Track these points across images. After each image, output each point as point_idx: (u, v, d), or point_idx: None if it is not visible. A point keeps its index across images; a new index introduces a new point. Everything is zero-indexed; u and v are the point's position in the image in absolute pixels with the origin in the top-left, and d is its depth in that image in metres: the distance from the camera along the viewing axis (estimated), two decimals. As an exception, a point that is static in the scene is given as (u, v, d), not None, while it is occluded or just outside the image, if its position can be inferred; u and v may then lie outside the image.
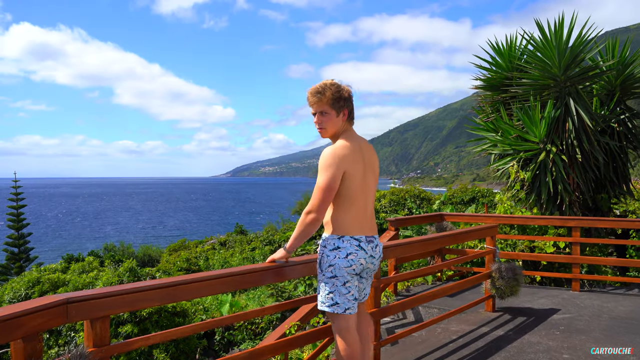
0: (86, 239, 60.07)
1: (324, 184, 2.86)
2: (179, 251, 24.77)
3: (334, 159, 2.91)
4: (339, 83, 3.10)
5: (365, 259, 2.98)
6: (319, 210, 2.88)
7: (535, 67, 7.60)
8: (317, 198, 2.87)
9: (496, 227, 5.20)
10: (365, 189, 3.05)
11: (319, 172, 2.95)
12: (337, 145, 3.00)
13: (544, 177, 7.36)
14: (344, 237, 2.96)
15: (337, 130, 3.10)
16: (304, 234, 2.93)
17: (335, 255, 2.94)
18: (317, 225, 2.91)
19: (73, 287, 9.90)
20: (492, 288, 5.05)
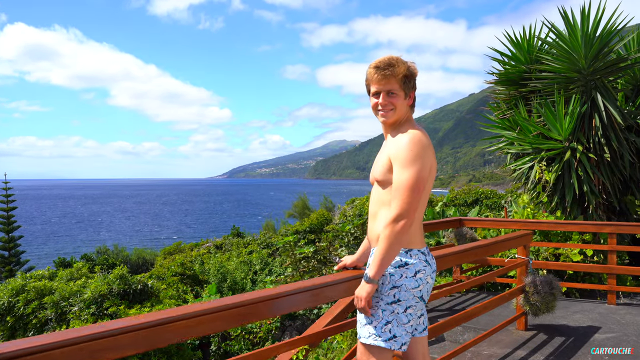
0: (80, 242, 59.25)
1: (414, 180, 2.29)
2: (173, 255, 24.10)
3: (424, 149, 2.35)
4: (411, 62, 2.54)
5: (431, 275, 2.46)
6: (411, 212, 2.29)
7: (559, 59, 7.00)
8: (407, 199, 2.28)
9: (530, 234, 4.59)
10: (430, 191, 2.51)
11: (401, 164, 2.34)
12: (416, 133, 2.41)
13: (568, 177, 6.77)
14: (412, 251, 2.41)
15: (402, 116, 2.53)
16: (396, 248, 2.31)
17: (402, 274, 2.38)
18: (408, 232, 2.32)
19: (60, 295, 9.26)
20: (526, 304, 4.42)
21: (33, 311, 9.09)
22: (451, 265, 3.55)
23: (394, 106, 2.48)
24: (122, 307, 8.71)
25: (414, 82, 2.51)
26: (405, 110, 2.51)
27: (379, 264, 2.31)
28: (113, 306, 8.66)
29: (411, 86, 2.50)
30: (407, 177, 2.29)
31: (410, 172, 2.30)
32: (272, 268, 17.92)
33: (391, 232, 2.27)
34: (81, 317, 8.74)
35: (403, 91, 2.47)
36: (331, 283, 2.60)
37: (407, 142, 2.36)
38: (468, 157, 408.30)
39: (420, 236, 2.47)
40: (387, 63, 2.46)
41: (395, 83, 2.46)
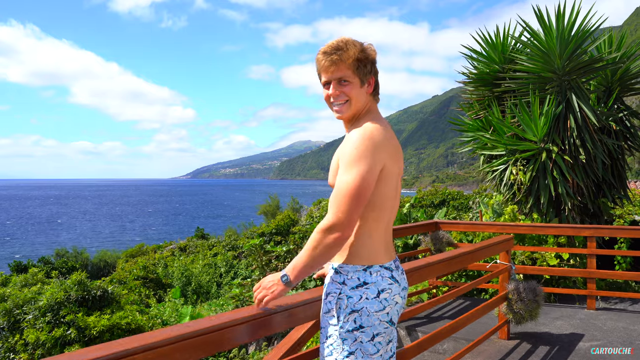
0: (38, 245, 57.44)
1: (356, 184, 1.90)
2: (136, 257, 23.44)
3: (375, 146, 1.96)
4: (366, 44, 2.15)
5: (399, 294, 2.08)
6: (347, 224, 1.90)
7: (533, 58, 6.90)
8: (345, 206, 1.90)
9: (512, 239, 4.40)
10: (397, 195, 2.12)
11: (343, 165, 1.97)
12: (370, 126, 2.02)
13: (543, 179, 6.66)
14: (373, 268, 2.03)
15: (361, 107, 2.14)
16: (320, 259, 1.93)
17: (362, 296, 1.99)
18: (340, 247, 1.94)
19: (13, 303, 8.78)
20: (509, 312, 4.23)
21: (-17, 320, 8.61)
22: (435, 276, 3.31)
23: (348, 97, 2.10)
24: (80, 314, 8.29)
25: (372, 65, 2.14)
26: (363, 100, 2.13)
27: (299, 270, 1.96)
28: (70, 314, 8.24)
29: (368, 71, 2.12)
30: (347, 180, 1.92)
31: (351, 174, 1.92)
32: (237, 271, 17.56)
33: (318, 242, 1.91)
34: (36, 325, 8.29)
35: (357, 77, 2.09)
36: (310, 301, 2.28)
37: (354, 139, 1.98)
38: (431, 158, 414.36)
39: (384, 249, 2.09)
40: (334, 47, 2.10)
41: (346, 69, 2.08)
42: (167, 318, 11.16)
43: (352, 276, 2.03)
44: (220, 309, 12.09)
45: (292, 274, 1.98)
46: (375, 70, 2.16)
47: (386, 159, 1.99)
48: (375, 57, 2.16)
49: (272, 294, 2.01)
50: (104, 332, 8.23)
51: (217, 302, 13.87)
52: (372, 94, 2.17)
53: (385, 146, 1.99)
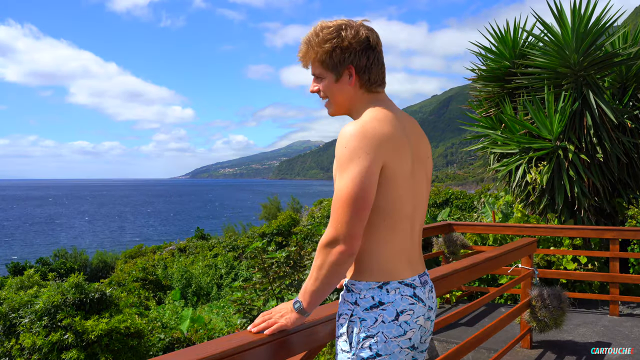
0: (36, 245, 57.15)
1: (349, 189, 1.61)
2: (135, 258, 23.19)
3: (364, 142, 1.64)
4: (344, 22, 1.79)
5: (424, 316, 1.77)
6: (349, 236, 1.60)
7: (548, 53, 6.65)
8: (342, 216, 1.61)
9: (535, 242, 4.14)
10: (415, 197, 1.80)
11: (336, 168, 1.68)
12: (365, 119, 1.72)
13: (558, 179, 6.41)
14: (390, 285, 1.72)
15: (345, 103, 1.85)
16: (330, 280, 1.65)
17: (377, 318, 1.69)
18: (352, 260, 1.64)
19: (8, 306, 8.53)
20: (533, 320, 3.96)
21: (-22, 324, 8.37)
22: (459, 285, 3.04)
23: (325, 94, 1.85)
24: (77, 318, 8.03)
25: (348, 53, 1.77)
26: (346, 95, 1.82)
27: (310, 295, 1.70)
28: (68, 317, 7.98)
29: (339, 61, 1.78)
30: (340, 186, 1.64)
31: (343, 179, 1.63)
32: (238, 272, 17.33)
33: (322, 260, 1.64)
34: (32, 329, 8.04)
35: (330, 71, 1.80)
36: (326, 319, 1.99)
37: (344, 136, 1.68)
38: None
39: (405, 262, 1.78)
40: (304, 38, 1.84)
41: (315, 63, 1.82)
42: (167, 321, 10.93)
43: (366, 295, 1.72)
44: (222, 311, 11.86)
45: (304, 299, 1.72)
46: (355, 57, 1.78)
47: (387, 156, 1.66)
48: (361, 39, 1.77)
49: (279, 324, 1.76)
50: (102, 336, 7.97)
51: (218, 304, 13.65)
52: (361, 85, 1.82)
53: (383, 141, 1.66)
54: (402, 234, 1.78)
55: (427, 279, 1.87)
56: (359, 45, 1.77)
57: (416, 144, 1.85)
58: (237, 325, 9.74)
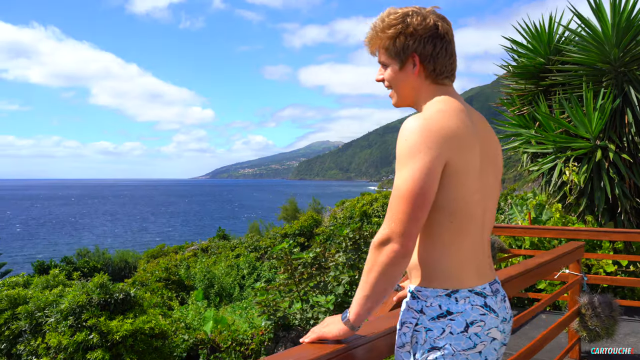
0: (60, 244, 57.89)
1: (407, 186, 1.48)
2: (157, 258, 23.25)
3: (426, 137, 1.51)
4: (413, 9, 1.68)
5: (497, 328, 1.60)
6: (403, 234, 1.47)
7: (586, 49, 6.41)
8: (398, 214, 1.47)
9: (582, 247, 3.92)
10: (484, 198, 1.65)
11: (396, 165, 1.55)
12: (429, 111, 1.61)
13: (598, 180, 6.17)
14: (459, 293, 1.58)
15: (409, 94, 1.73)
16: (382, 284, 1.50)
17: (444, 329, 1.55)
18: (405, 262, 1.49)
19: (34, 305, 8.53)
20: (583, 329, 3.74)
21: (5, 322, 8.39)
22: (514, 293, 2.84)
23: (388, 83, 1.75)
24: (102, 318, 7.99)
25: (416, 40, 1.64)
26: (410, 85, 1.71)
27: (359, 304, 1.56)
28: (92, 318, 7.95)
29: (402, 48, 1.66)
30: (398, 182, 1.52)
31: (402, 175, 1.51)
32: (260, 272, 17.24)
33: (373, 261, 1.51)
34: (58, 329, 8.03)
35: (394, 59, 1.70)
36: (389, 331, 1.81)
37: (404, 130, 1.56)
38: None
39: (475, 268, 1.63)
40: (373, 23, 1.74)
41: (381, 51, 1.73)
42: (191, 321, 10.87)
43: (433, 303, 1.58)
44: (245, 312, 11.77)
45: (352, 309, 1.57)
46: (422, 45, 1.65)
47: (452, 152, 1.53)
48: (428, 26, 1.65)
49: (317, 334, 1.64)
50: (126, 337, 7.92)
51: (241, 305, 13.56)
52: (426, 75, 1.69)
53: (448, 136, 1.53)
54: (471, 239, 1.63)
55: (498, 287, 1.71)
56: (425, 33, 1.65)
57: (486, 140, 1.70)
58: (262, 327, 9.64)
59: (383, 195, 20.06)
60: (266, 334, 9.55)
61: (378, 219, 17.94)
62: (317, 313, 9.18)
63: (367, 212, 18.50)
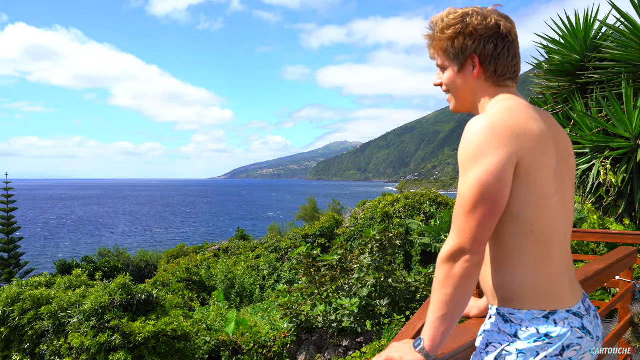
0: (81, 244, 58.50)
1: (475, 191, 1.35)
2: (178, 258, 23.27)
3: (494, 136, 1.37)
4: (473, 9, 1.57)
5: (590, 351, 1.46)
6: (477, 241, 1.34)
7: (626, 45, 6.16)
8: (466, 223, 1.36)
9: (635, 252, 3.69)
10: (563, 201, 1.50)
11: (460, 167, 1.42)
12: (494, 110, 1.47)
13: (638, 180, 5.92)
14: (557, 315, 1.42)
15: (469, 98, 1.60)
16: (457, 301, 1.36)
17: (539, 353, 1.40)
18: (479, 272, 1.37)
19: (57, 305, 8.50)
20: (636, 340, 3.51)
21: (29, 322, 8.37)
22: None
23: (446, 87, 1.64)
24: (125, 319, 7.92)
25: (475, 40, 1.53)
26: (469, 88, 1.59)
27: (434, 326, 1.40)
28: (115, 319, 7.89)
29: (461, 49, 1.55)
30: (465, 188, 1.39)
31: (468, 179, 1.38)
32: (280, 273, 17.14)
33: (445, 277, 1.37)
34: (80, 330, 7.98)
35: (452, 61, 1.59)
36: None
37: (469, 130, 1.43)
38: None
39: (568, 284, 1.49)
40: (429, 24, 1.63)
41: (440, 53, 1.61)
42: (212, 323, 10.78)
43: (529, 327, 1.42)
44: (266, 314, 11.66)
45: (426, 334, 1.41)
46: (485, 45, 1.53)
47: (523, 152, 1.38)
48: (489, 26, 1.53)
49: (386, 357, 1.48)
50: (149, 338, 7.84)
51: (262, 306, 13.47)
52: (487, 77, 1.56)
53: (517, 133, 1.39)
54: (558, 249, 1.47)
55: (589, 302, 1.55)
56: (486, 33, 1.53)
57: (558, 138, 1.54)
58: (284, 329, 9.51)
59: (404, 196, 19.77)
60: (289, 336, 9.42)
61: (400, 220, 17.70)
62: (341, 316, 9.02)
63: (389, 213, 18.26)
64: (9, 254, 27.97)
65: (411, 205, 18.97)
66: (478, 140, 1.38)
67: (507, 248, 1.45)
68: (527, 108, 1.48)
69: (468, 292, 1.37)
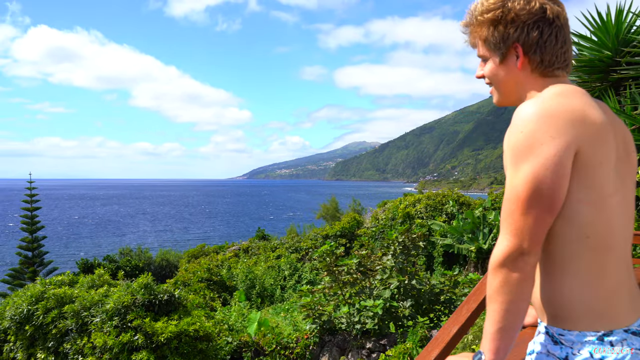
0: (103, 243, 59.16)
1: (533, 184, 1.21)
2: (198, 258, 23.36)
3: (549, 123, 1.23)
4: None
5: None
6: (533, 240, 1.21)
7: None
8: (518, 222, 1.22)
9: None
10: (625, 201, 1.33)
11: (508, 161, 1.28)
12: (546, 95, 1.31)
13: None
14: (613, 335, 1.27)
15: (518, 90, 1.44)
16: (516, 309, 1.23)
17: None
18: (532, 279, 1.23)
19: (80, 304, 8.52)
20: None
21: (53, 320, 8.40)
22: None
23: (490, 79, 1.50)
24: (147, 319, 7.90)
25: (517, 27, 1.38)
26: (513, 80, 1.44)
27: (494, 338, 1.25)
28: (137, 319, 7.87)
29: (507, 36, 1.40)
30: (514, 184, 1.25)
31: (519, 174, 1.24)
32: (301, 274, 17.06)
33: (503, 281, 1.23)
34: (103, 329, 7.98)
35: (493, 51, 1.45)
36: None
37: (517, 121, 1.28)
38: (489, 159, 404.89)
39: (628, 298, 1.32)
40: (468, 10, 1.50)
41: (480, 43, 1.48)
42: (234, 323, 10.73)
43: (581, 350, 1.28)
44: (288, 314, 11.58)
45: (487, 347, 1.27)
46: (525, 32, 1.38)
47: (582, 140, 1.24)
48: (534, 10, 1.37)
49: None
50: (171, 339, 7.81)
51: (283, 307, 13.39)
52: (533, 67, 1.41)
53: (575, 119, 1.24)
54: (617, 257, 1.31)
55: None
56: (530, 18, 1.37)
57: (618, 131, 1.38)
58: (307, 331, 9.42)
59: (426, 196, 19.56)
60: (311, 337, 9.33)
61: (421, 221, 17.50)
62: (365, 317, 8.91)
63: (410, 213, 18.08)
64: (33, 253, 28.33)
65: (433, 205, 18.77)
66: (531, 128, 1.24)
67: (557, 256, 1.31)
68: (583, 94, 1.33)
69: (528, 298, 1.25)
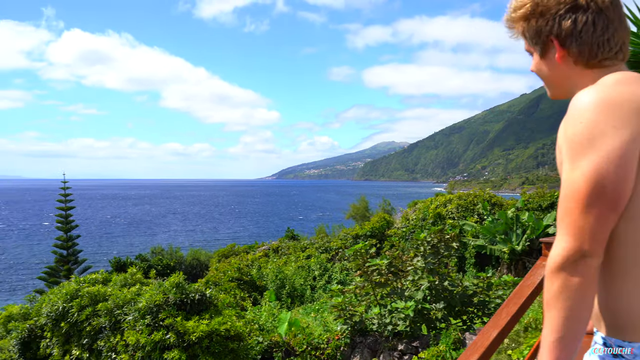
0: (135, 242, 60.11)
1: (595, 179, 1.11)
2: (228, 257, 23.51)
3: (611, 113, 1.13)
4: None
5: None
6: (596, 243, 1.11)
7: None
8: (579, 222, 1.12)
9: None
10: None
11: (566, 154, 1.18)
12: (605, 82, 1.22)
13: None
14: None
15: (568, 84, 1.35)
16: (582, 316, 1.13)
17: None
18: (594, 284, 1.14)
19: (113, 302, 8.63)
20: None
21: (87, 318, 8.54)
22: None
23: (536, 73, 1.42)
24: (179, 318, 7.94)
25: (548, 19, 1.30)
26: (558, 74, 1.35)
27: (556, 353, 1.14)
28: (169, 317, 7.91)
29: (540, 30, 1.32)
30: (574, 179, 1.14)
31: (579, 168, 1.13)
32: (331, 274, 17.00)
33: (563, 286, 1.13)
34: (136, 327, 8.05)
35: (534, 45, 1.37)
36: None
37: (575, 111, 1.18)
38: (520, 159, 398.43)
39: None
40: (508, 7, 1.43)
41: (522, 38, 1.41)
42: (264, 323, 10.72)
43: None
44: (319, 315, 11.53)
45: (546, 356, 1.17)
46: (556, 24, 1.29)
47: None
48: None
49: None
50: (202, 338, 7.82)
51: (313, 307, 13.35)
52: (575, 60, 1.30)
53: (638, 109, 1.13)
54: None
55: None
56: (560, 8, 1.27)
57: None
58: (338, 331, 9.34)
59: (457, 196, 19.29)
60: (342, 338, 9.25)
61: (452, 221, 17.27)
62: (396, 319, 8.78)
63: (441, 213, 17.85)
64: (68, 251, 28.91)
65: (464, 205, 18.50)
66: (591, 118, 1.14)
67: (617, 261, 1.21)
68: None
69: (591, 305, 1.15)
